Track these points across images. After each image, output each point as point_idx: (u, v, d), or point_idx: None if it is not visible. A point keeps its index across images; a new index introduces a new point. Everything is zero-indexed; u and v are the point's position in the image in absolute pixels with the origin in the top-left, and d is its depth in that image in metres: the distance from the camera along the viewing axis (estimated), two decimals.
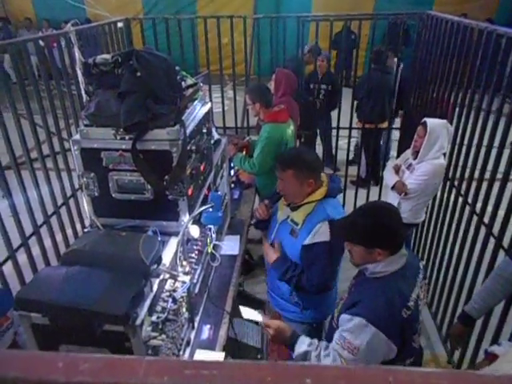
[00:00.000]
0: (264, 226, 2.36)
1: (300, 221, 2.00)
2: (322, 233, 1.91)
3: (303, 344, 1.63)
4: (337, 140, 4.33)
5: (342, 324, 1.55)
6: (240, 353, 2.84)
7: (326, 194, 2.00)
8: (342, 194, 2.58)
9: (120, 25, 3.46)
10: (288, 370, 0.29)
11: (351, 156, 4.76)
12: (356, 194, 4.41)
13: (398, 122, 4.72)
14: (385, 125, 4.37)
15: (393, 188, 3.15)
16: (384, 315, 1.45)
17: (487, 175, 2.53)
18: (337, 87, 4.68)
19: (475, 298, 2.17)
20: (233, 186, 3.22)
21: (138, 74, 1.51)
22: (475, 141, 2.67)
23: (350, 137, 4.40)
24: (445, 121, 2.92)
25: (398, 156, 4.13)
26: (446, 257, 3.07)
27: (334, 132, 4.52)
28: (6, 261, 2.24)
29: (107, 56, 1.55)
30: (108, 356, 0.30)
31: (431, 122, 2.88)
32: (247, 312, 1.87)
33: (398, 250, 1.57)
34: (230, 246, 2.47)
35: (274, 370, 0.29)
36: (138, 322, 1.19)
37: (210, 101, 3.49)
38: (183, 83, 1.81)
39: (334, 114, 4.72)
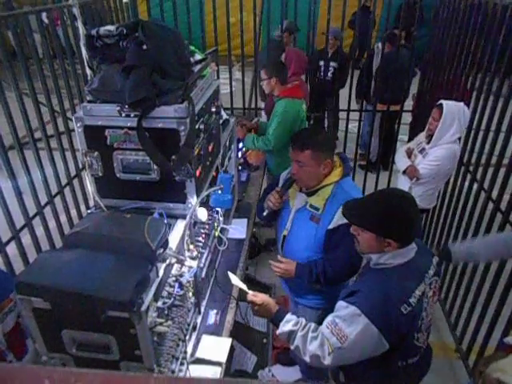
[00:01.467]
0: (273, 217, 2.20)
1: (321, 206, 1.91)
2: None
3: (288, 323, 1.58)
4: (347, 123, 4.21)
5: (337, 309, 1.51)
6: (246, 337, 2.82)
7: (342, 175, 1.92)
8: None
9: (126, 0, 3.34)
10: None
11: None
12: (365, 178, 4.32)
13: (409, 105, 4.58)
14: (398, 107, 4.24)
15: (404, 172, 3.06)
16: (378, 308, 1.40)
17: (505, 161, 2.43)
18: (345, 65, 4.57)
19: (468, 244, 2.11)
20: (240, 168, 3.15)
21: (145, 46, 1.42)
22: (493, 126, 2.57)
23: (360, 120, 4.29)
24: (461, 104, 2.80)
25: (409, 140, 4.02)
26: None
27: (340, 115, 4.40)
28: (9, 241, 2.20)
29: (111, 27, 1.46)
30: (106, 372, 0.24)
31: (447, 104, 2.77)
32: (236, 279, 1.82)
33: (408, 245, 1.50)
34: (238, 229, 2.42)
35: None
36: (144, 308, 1.14)
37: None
38: (192, 59, 1.72)
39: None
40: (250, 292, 1.71)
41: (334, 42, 4.78)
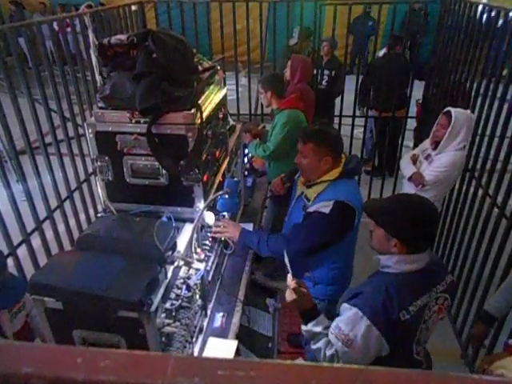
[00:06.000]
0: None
1: (312, 197, 2.01)
2: (324, 206, 1.91)
3: (320, 325, 1.54)
4: (352, 129, 4.23)
5: (341, 313, 1.52)
6: (251, 341, 2.83)
7: (340, 175, 1.98)
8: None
9: (134, 8, 3.41)
10: (335, 373, 0.25)
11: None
12: (370, 183, 4.34)
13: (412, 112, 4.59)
14: (402, 113, 4.25)
15: (410, 179, 3.06)
16: (380, 311, 1.41)
17: (510, 167, 2.45)
18: (340, 73, 4.56)
19: (496, 296, 2.10)
20: (246, 173, 3.17)
21: (154, 55, 1.46)
22: (498, 132, 2.59)
23: (365, 126, 4.32)
24: (468, 111, 2.81)
25: (414, 146, 4.03)
26: (463, 249, 3.01)
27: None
28: (20, 244, 2.24)
29: (122, 37, 1.51)
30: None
31: (456, 112, 2.74)
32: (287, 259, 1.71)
33: (418, 252, 1.49)
34: None
35: (320, 372, 0.25)
36: (153, 308, 1.17)
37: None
38: (200, 66, 1.77)
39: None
40: (294, 281, 1.59)
41: (329, 49, 4.69)
